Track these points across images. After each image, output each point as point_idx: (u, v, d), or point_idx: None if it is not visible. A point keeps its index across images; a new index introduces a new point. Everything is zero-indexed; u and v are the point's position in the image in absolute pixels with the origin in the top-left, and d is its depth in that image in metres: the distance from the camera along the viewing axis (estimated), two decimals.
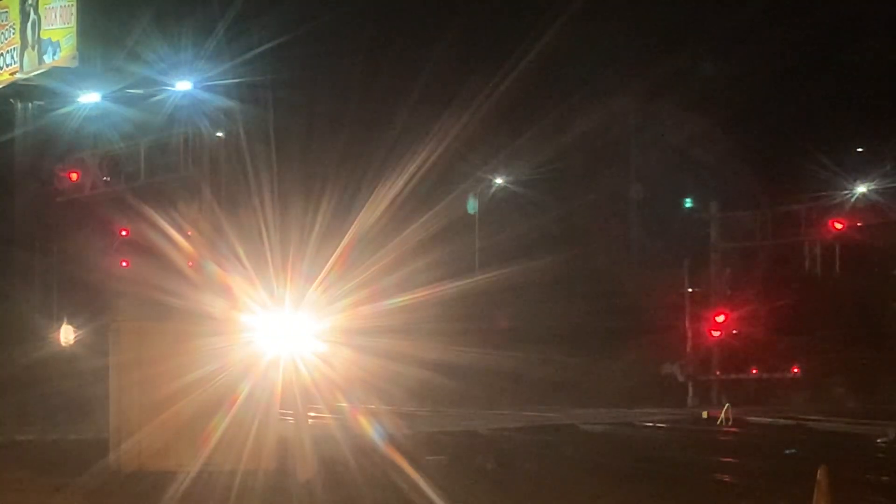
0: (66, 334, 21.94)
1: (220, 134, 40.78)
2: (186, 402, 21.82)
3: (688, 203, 51.31)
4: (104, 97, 40.71)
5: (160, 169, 41.89)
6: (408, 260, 35.96)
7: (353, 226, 31.72)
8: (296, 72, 41.72)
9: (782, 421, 36.75)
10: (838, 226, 47.14)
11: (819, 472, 14.50)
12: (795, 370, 47.32)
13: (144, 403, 22.42)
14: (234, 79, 39.29)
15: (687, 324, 47.83)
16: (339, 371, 25.28)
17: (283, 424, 22.98)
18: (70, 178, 43.96)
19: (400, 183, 36.21)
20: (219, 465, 21.31)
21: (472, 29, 43.59)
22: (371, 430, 26.27)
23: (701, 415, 39.37)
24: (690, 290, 48.03)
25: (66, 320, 22.53)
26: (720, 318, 47.27)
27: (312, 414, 28.09)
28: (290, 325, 23.48)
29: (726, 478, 23.24)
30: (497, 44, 45.09)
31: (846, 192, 46.84)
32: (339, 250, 28.62)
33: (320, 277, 25.74)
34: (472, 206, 45.66)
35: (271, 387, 22.43)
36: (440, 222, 43.19)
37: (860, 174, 46.78)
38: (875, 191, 46.51)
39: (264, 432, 22.16)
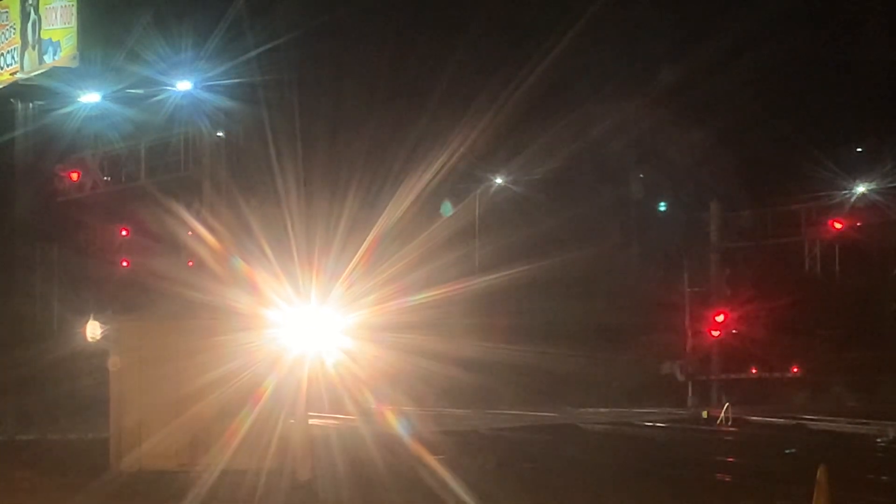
0: (93, 330, 21.73)
1: (220, 134, 40.81)
2: (204, 403, 21.50)
3: (662, 206, 51.35)
4: (104, 97, 40.69)
5: (160, 169, 41.93)
6: (428, 258, 36.10)
7: (378, 222, 31.79)
8: (311, 69, 41.80)
9: (782, 421, 36.74)
10: (838, 226, 47.16)
11: (819, 471, 14.54)
12: (795, 370, 47.32)
13: (147, 404, 22.19)
14: (233, 79, 39.29)
15: (687, 324, 47.82)
16: (365, 368, 25.16)
17: (286, 425, 22.87)
18: (70, 178, 44.00)
19: (422, 182, 36.45)
20: (239, 465, 21.12)
21: (483, 30, 43.51)
22: (391, 428, 26.15)
23: (701, 414, 39.37)
24: (690, 289, 48.02)
25: (92, 316, 22.33)
26: (720, 318, 47.25)
27: (340, 416, 28.06)
28: (315, 321, 23.21)
29: (726, 478, 23.26)
30: (509, 46, 45.26)
31: (846, 192, 46.85)
32: (364, 246, 28.59)
33: (346, 272, 25.65)
34: (447, 209, 45.50)
35: (296, 385, 22.18)
36: (467, 218, 43.41)
37: (860, 174, 46.78)
38: (875, 191, 46.51)
39: (288, 432, 21.87)
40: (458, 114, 39.66)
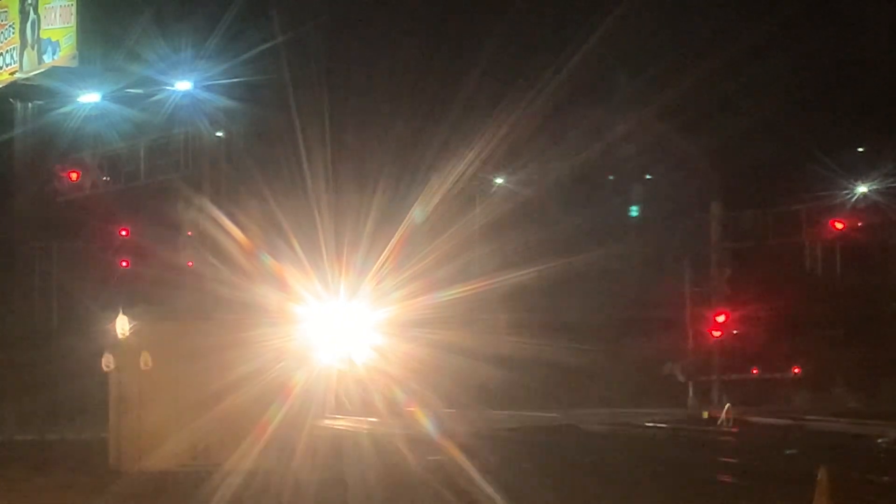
0: (122, 325, 21.50)
1: (219, 134, 40.78)
2: (229, 401, 21.28)
3: (633, 211, 51.25)
4: (104, 97, 40.67)
5: (160, 169, 41.91)
6: (459, 253, 36.09)
7: (408, 216, 31.73)
8: (339, 63, 41.81)
9: (783, 421, 36.70)
10: (838, 226, 47.10)
11: (819, 472, 14.51)
12: (795, 370, 47.27)
13: (171, 401, 22.02)
14: (236, 78, 39.26)
15: (687, 324, 47.77)
16: (395, 365, 24.98)
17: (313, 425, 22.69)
18: (70, 178, 43.96)
19: (452, 177, 36.53)
20: (265, 466, 21.00)
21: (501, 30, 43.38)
22: (418, 429, 25.97)
23: (701, 415, 39.31)
24: (691, 289, 47.98)
25: (121, 310, 22.11)
26: (721, 318, 47.21)
27: (370, 418, 27.87)
28: (344, 317, 22.98)
29: (726, 478, 23.23)
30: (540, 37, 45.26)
31: (846, 192, 46.80)
32: (394, 240, 28.49)
33: (375, 267, 25.50)
34: (420, 215, 45.27)
35: (325, 383, 21.99)
36: (489, 217, 43.39)
37: (860, 174, 46.74)
38: (875, 191, 46.48)
39: (315, 432, 21.66)
40: (490, 109, 39.64)
